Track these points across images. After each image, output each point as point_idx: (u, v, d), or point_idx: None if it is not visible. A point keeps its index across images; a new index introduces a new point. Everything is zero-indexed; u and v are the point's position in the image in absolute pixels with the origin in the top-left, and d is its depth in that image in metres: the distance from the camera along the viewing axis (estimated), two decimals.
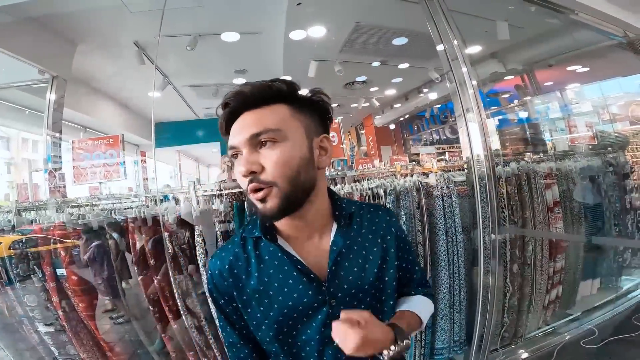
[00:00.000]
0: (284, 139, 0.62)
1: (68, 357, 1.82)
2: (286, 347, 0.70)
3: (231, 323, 0.73)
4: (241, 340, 0.73)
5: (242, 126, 0.63)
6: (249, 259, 0.71)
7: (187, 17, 2.80)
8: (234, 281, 0.70)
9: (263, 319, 0.69)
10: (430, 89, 4.74)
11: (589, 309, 2.45)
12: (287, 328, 0.68)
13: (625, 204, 2.55)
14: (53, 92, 2.54)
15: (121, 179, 2.03)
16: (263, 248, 0.71)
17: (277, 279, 0.68)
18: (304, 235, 0.71)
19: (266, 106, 0.64)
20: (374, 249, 0.73)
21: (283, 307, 0.67)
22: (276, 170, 0.61)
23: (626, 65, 3.54)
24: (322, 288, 0.68)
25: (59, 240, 1.69)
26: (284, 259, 0.68)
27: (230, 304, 0.72)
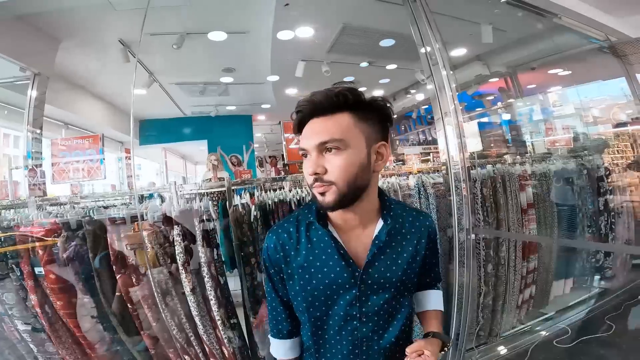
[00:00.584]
0: (347, 147, 0.73)
1: (47, 354, 1.82)
2: (313, 319, 0.83)
3: (275, 290, 0.89)
4: (281, 305, 0.89)
5: (311, 133, 0.74)
6: (300, 238, 0.83)
7: (174, 16, 2.79)
8: (284, 255, 0.84)
9: (301, 291, 0.82)
10: (417, 90, 4.79)
11: (562, 309, 2.52)
12: (319, 302, 0.81)
13: (598, 206, 2.61)
14: (34, 89, 2.51)
15: (100, 179, 2.02)
16: (313, 231, 0.83)
17: (320, 259, 0.80)
18: (351, 226, 0.82)
19: (332, 115, 0.74)
20: (409, 249, 0.84)
21: (320, 283, 0.80)
22: (337, 173, 0.72)
23: (607, 69, 3.61)
24: (356, 273, 0.79)
25: (38, 238, 1.69)
26: (330, 243, 0.80)
27: (278, 274, 0.86)
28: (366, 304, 0.80)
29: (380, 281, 0.80)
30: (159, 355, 1.91)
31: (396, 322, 0.83)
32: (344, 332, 0.81)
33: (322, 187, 0.73)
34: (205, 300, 1.85)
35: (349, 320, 0.81)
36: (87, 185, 2.26)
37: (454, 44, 3.52)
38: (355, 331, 0.81)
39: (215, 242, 1.89)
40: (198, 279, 1.83)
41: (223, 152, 3.63)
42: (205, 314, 1.85)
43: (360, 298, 0.79)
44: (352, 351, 0.82)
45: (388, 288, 0.81)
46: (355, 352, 0.82)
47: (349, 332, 0.81)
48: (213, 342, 1.86)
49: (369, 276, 0.80)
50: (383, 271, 0.80)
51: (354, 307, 0.80)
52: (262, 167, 5.03)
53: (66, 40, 2.82)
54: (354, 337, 0.81)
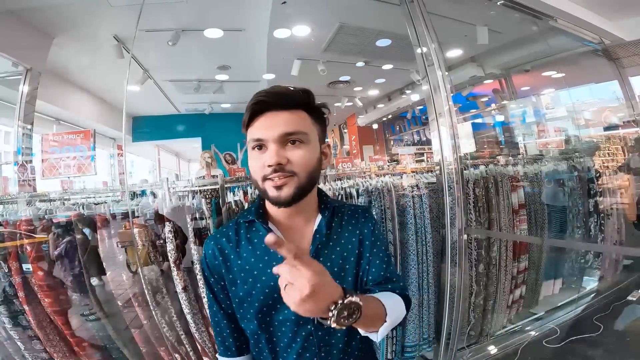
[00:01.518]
0: (308, 142, 0.74)
1: (34, 352, 1.80)
2: (264, 325, 0.77)
3: (218, 302, 0.82)
4: (225, 319, 0.82)
5: (274, 124, 0.71)
6: (240, 240, 0.80)
7: (170, 12, 2.77)
8: (224, 260, 0.79)
9: (246, 296, 0.77)
10: (412, 90, 4.81)
11: (551, 309, 2.55)
12: (267, 307, 0.76)
13: (588, 207, 2.64)
14: (26, 85, 2.48)
15: (91, 174, 2.00)
16: (254, 232, 0.80)
17: (262, 260, 0.77)
18: (292, 222, 0.80)
19: (293, 110, 0.74)
20: (352, 240, 0.82)
21: (266, 286, 0.75)
22: (300, 165, 0.71)
23: (600, 72, 3.66)
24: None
25: (26, 235, 1.67)
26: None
27: (219, 283, 0.80)
28: None
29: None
30: (148, 353, 1.90)
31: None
32: (299, 338, 0.76)
33: (282, 179, 0.70)
34: (197, 298, 1.84)
35: (302, 324, 0.75)
36: (78, 182, 2.23)
37: (449, 45, 3.54)
38: (311, 336, 0.76)
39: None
40: (190, 277, 1.82)
41: (217, 149, 3.61)
42: (197, 312, 1.84)
43: None
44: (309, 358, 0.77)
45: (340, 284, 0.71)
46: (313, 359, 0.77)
47: (305, 337, 0.76)
48: (205, 340, 1.85)
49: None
50: (330, 266, 0.77)
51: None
52: None
53: (60, 35, 2.80)
54: (310, 343, 0.76)
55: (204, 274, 0.83)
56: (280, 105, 0.72)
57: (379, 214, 1.99)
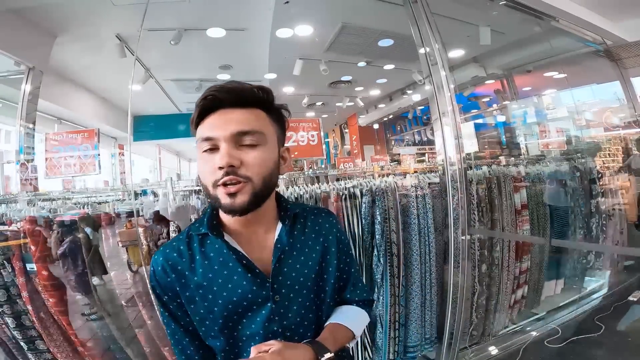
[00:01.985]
0: (265, 142, 0.68)
1: (38, 352, 1.79)
2: (231, 341, 0.72)
3: (175, 319, 0.74)
4: (186, 337, 0.74)
5: (227, 121, 0.66)
6: (193, 255, 0.72)
7: (173, 12, 2.77)
8: (177, 277, 0.71)
9: (207, 313, 0.71)
10: (413, 90, 4.81)
11: (553, 309, 2.55)
12: (232, 322, 0.71)
13: (590, 208, 2.65)
14: (28, 84, 2.48)
15: (95, 173, 2.00)
16: (208, 245, 0.73)
17: (221, 275, 0.70)
18: (250, 232, 0.74)
19: (249, 108, 0.68)
20: (316, 248, 0.77)
21: (227, 302, 0.70)
22: (254, 168, 0.65)
23: (602, 73, 3.67)
24: (266, 284, 0.70)
25: (29, 234, 1.67)
26: (230, 254, 0.71)
27: (174, 300, 0.73)
28: (287, 316, 0.72)
29: (295, 288, 0.72)
30: (152, 353, 1.90)
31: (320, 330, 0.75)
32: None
33: (234, 185, 0.64)
34: None
35: (271, 338, 0.69)
36: (78, 181, 2.22)
37: (451, 45, 3.54)
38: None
39: None
40: None
41: None
42: None
43: (278, 311, 0.70)
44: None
45: (306, 295, 0.74)
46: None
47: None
48: None
49: (280, 285, 0.71)
50: (295, 276, 0.73)
51: (274, 322, 0.70)
52: None
53: (62, 34, 2.79)
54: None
55: (155, 291, 0.74)
56: (234, 102, 0.67)
57: (382, 213, 1.99)
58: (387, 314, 2.03)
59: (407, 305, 2.11)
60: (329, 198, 1.96)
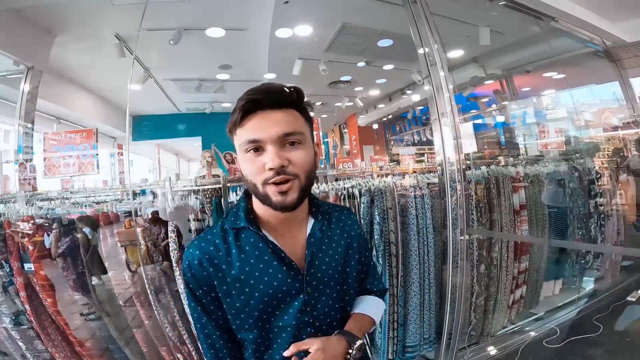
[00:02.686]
0: (304, 141, 0.71)
1: (36, 352, 1.79)
2: (263, 333, 0.75)
3: (207, 313, 0.75)
4: (217, 331, 0.76)
5: (270, 123, 0.68)
6: (230, 249, 0.74)
7: (172, 11, 2.77)
8: (215, 271, 0.73)
9: (243, 306, 0.73)
10: (413, 90, 4.82)
11: (552, 309, 2.55)
12: (266, 315, 0.74)
13: (589, 208, 2.65)
14: (27, 83, 2.48)
15: (93, 173, 2.00)
16: (244, 239, 0.75)
17: (257, 268, 0.73)
18: (285, 226, 0.77)
19: (286, 109, 0.71)
20: (341, 243, 0.82)
21: (264, 295, 0.73)
22: (301, 166, 0.69)
23: (601, 73, 3.66)
24: (299, 277, 0.74)
25: (27, 234, 1.67)
26: (266, 248, 0.74)
27: (209, 295, 0.74)
28: (316, 307, 0.75)
29: (324, 280, 0.77)
30: (150, 353, 1.89)
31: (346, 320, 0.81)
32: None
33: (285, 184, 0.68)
34: None
35: (302, 328, 0.74)
36: (77, 181, 2.22)
37: (450, 46, 3.54)
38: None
39: None
40: None
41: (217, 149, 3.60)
42: None
43: (310, 302, 0.74)
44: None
45: (333, 286, 0.78)
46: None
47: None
48: None
49: (312, 277, 0.75)
50: (324, 269, 0.77)
51: (305, 314, 0.74)
52: None
53: (62, 34, 2.79)
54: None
55: (189, 285, 0.75)
56: (273, 104, 0.69)
57: (380, 214, 1.99)
58: (386, 314, 2.03)
59: (406, 305, 2.12)
60: (328, 198, 1.96)
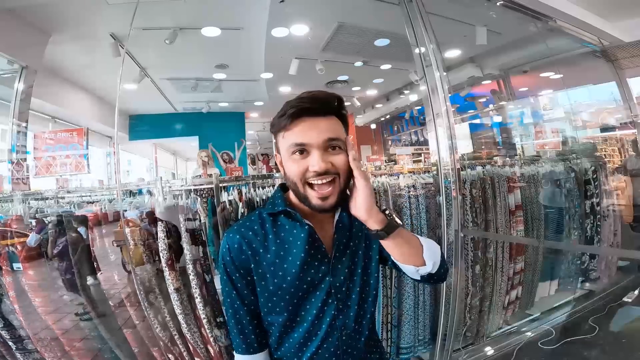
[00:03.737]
0: (344, 146, 0.77)
1: (26, 352, 1.78)
2: (292, 316, 0.81)
3: (241, 298, 0.82)
4: (248, 315, 0.83)
5: (317, 130, 0.74)
6: (267, 234, 0.81)
7: (168, 11, 2.76)
8: (252, 254, 0.80)
9: (277, 290, 0.79)
10: (410, 90, 4.81)
11: (547, 310, 2.54)
12: (297, 298, 0.79)
13: (585, 209, 2.64)
14: (21, 82, 2.48)
15: (84, 173, 1.99)
16: (280, 226, 0.82)
17: (291, 253, 0.79)
18: (316, 217, 0.82)
19: (331, 116, 0.77)
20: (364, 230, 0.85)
21: (296, 278, 0.78)
22: (341, 169, 0.75)
23: (598, 73, 3.65)
24: (325, 260, 0.81)
25: (17, 233, 1.66)
26: (300, 234, 0.80)
27: (245, 278, 0.81)
28: (341, 290, 0.81)
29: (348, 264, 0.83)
30: (141, 353, 1.88)
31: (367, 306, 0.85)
32: (324, 325, 0.80)
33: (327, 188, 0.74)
34: (190, 299, 1.82)
35: (326, 310, 0.80)
36: (74, 180, 2.22)
37: (448, 45, 3.53)
38: (334, 320, 0.81)
39: (201, 239, 1.86)
40: (183, 277, 1.80)
41: (214, 148, 3.60)
42: (190, 312, 1.83)
43: (335, 285, 0.80)
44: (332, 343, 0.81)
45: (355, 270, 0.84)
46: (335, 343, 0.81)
47: (330, 315, 0.81)
48: (197, 341, 1.83)
49: (338, 261, 0.82)
50: (349, 254, 0.83)
51: (331, 296, 0.80)
52: (254, 164, 5.02)
53: (56, 33, 2.79)
54: (333, 328, 0.81)
55: (226, 269, 0.82)
56: (319, 111, 0.75)
57: None
58: (380, 315, 2.02)
59: (400, 306, 2.10)
60: None
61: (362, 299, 0.85)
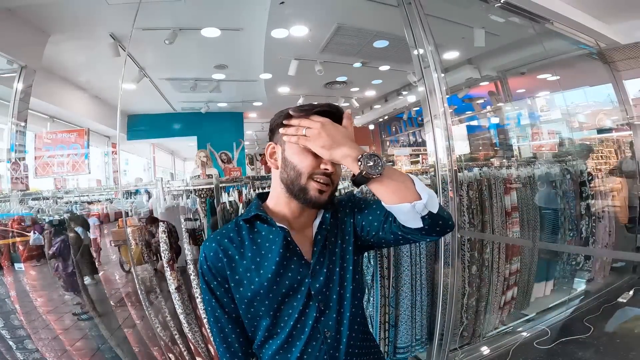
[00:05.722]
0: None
1: (26, 351, 1.79)
2: (275, 320, 0.81)
3: (221, 306, 0.82)
4: (229, 324, 0.82)
5: None
6: (243, 241, 0.82)
7: (168, 11, 2.76)
8: (228, 261, 0.81)
9: (255, 295, 0.79)
10: (408, 91, 4.82)
11: (543, 310, 2.57)
12: (277, 303, 0.80)
13: (580, 210, 2.67)
14: (20, 82, 2.47)
15: (85, 173, 1.99)
16: (256, 232, 0.83)
17: (267, 258, 0.80)
18: (296, 221, 0.85)
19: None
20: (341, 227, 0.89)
21: (273, 283, 0.79)
22: (337, 177, 0.83)
23: (595, 75, 3.68)
24: (302, 261, 0.81)
25: (18, 233, 1.66)
26: (276, 238, 0.81)
27: (223, 286, 0.81)
28: (321, 291, 0.81)
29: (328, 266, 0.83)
30: (141, 353, 1.89)
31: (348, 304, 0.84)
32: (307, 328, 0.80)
33: (326, 185, 0.79)
34: (191, 298, 1.84)
35: (307, 313, 0.80)
36: (71, 180, 2.22)
37: (446, 47, 3.55)
38: (316, 323, 0.80)
39: (202, 239, 1.88)
40: (184, 276, 1.82)
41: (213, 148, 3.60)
42: (191, 312, 1.84)
43: (314, 286, 0.80)
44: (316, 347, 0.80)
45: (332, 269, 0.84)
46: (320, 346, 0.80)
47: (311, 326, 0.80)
48: (198, 340, 1.85)
49: (317, 264, 0.82)
50: (328, 255, 0.84)
51: (312, 298, 0.80)
52: (252, 165, 5.02)
53: (56, 33, 2.78)
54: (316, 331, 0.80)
55: (204, 278, 0.82)
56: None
57: None
58: (378, 315, 2.04)
59: (397, 306, 2.12)
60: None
61: (343, 298, 0.84)
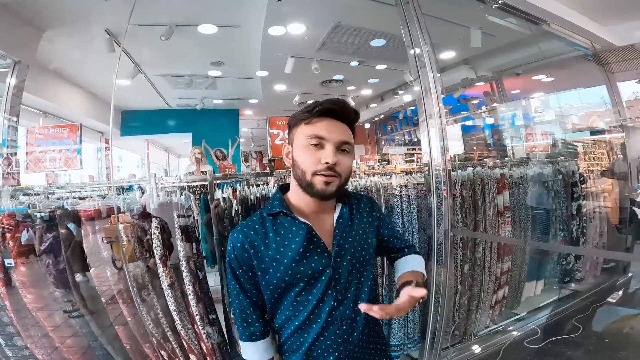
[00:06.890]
0: (352, 151, 0.91)
1: (16, 348, 1.77)
2: (296, 304, 0.89)
3: (244, 291, 0.92)
4: (251, 307, 0.93)
5: (337, 130, 0.88)
6: (267, 233, 0.90)
7: (164, 7, 2.75)
8: (254, 252, 0.89)
9: (280, 282, 0.87)
10: (404, 91, 4.84)
11: (533, 309, 2.59)
12: (299, 288, 0.87)
13: (571, 210, 2.69)
14: (13, 77, 2.44)
15: (77, 169, 1.98)
16: (279, 224, 0.90)
17: (290, 248, 0.87)
18: (315, 214, 0.92)
19: (346, 124, 0.91)
20: (364, 223, 0.97)
21: (297, 272, 0.86)
22: (344, 169, 0.88)
23: (589, 77, 3.70)
24: (325, 254, 0.89)
25: (8, 229, 1.64)
26: (299, 230, 0.88)
27: (247, 274, 0.91)
28: (340, 281, 0.88)
29: (347, 258, 0.90)
30: (133, 350, 1.88)
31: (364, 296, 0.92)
32: (323, 313, 0.87)
33: (331, 177, 0.84)
34: (184, 295, 1.83)
35: (326, 300, 0.87)
36: (63, 176, 2.20)
37: (443, 47, 3.56)
38: (333, 310, 0.87)
39: (195, 236, 1.87)
40: (176, 273, 1.81)
41: (207, 145, 3.58)
42: (184, 309, 1.83)
43: (334, 277, 0.87)
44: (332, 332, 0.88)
45: (354, 263, 0.91)
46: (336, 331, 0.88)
47: (329, 305, 0.87)
48: (192, 338, 1.84)
49: (338, 255, 0.89)
50: (348, 249, 0.90)
51: (331, 287, 0.87)
52: (247, 162, 5.01)
53: (50, 29, 2.76)
54: (333, 318, 0.88)
55: (231, 265, 0.92)
56: (340, 116, 0.89)
57: None
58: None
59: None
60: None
61: (360, 290, 0.92)
